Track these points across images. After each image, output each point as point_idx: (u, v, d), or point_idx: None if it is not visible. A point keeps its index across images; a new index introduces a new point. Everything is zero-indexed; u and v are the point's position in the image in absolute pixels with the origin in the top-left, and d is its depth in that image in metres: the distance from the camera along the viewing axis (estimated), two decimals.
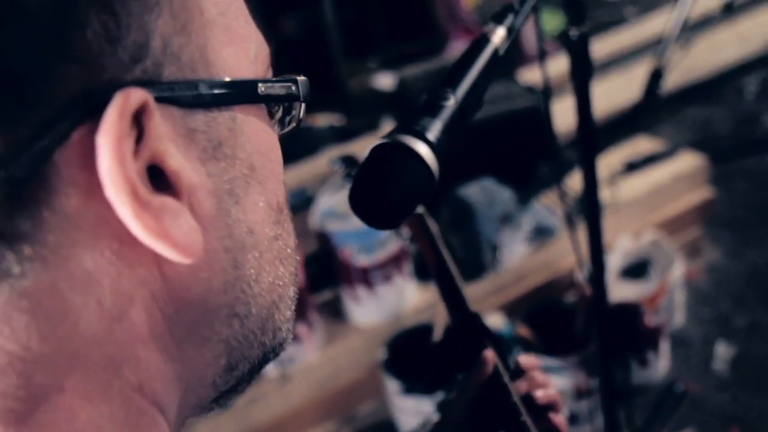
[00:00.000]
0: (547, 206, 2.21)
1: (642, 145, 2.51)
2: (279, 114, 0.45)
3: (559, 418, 0.84)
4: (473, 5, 4.05)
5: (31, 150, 0.30)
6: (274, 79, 0.41)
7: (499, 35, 0.75)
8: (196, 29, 0.36)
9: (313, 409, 1.91)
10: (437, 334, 1.86)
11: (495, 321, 1.92)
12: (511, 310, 2.03)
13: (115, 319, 0.34)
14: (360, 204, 0.61)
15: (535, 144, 2.34)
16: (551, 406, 0.85)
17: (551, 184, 2.18)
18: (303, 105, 0.44)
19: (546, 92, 1.37)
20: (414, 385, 1.81)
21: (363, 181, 0.62)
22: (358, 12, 3.72)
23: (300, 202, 2.47)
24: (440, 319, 1.91)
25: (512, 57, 2.94)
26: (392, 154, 0.63)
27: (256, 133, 0.40)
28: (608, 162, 2.42)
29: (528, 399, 0.84)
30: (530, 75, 2.74)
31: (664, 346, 2.05)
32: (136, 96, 0.32)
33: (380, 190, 0.62)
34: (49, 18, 0.30)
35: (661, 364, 2.05)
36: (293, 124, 0.46)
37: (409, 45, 3.66)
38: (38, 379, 0.33)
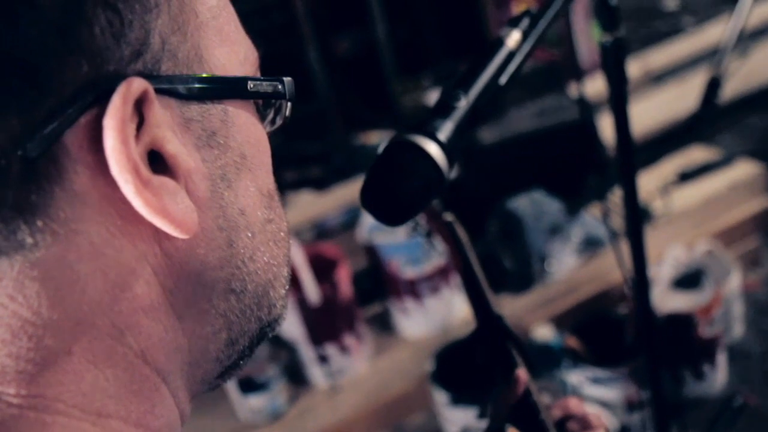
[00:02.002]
0: (597, 217, 2.18)
1: (696, 154, 2.46)
2: (271, 114, 0.48)
3: None
4: None
5: (44, 132, 0.34)
6: (261, 78, 0.45)
7: (513, 39, 0.77)
8: (191, 30, 0.40)
9: (362, 420, 1.93)
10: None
11: (544, 333, 1.91)
12: (561, 322, 2.01)
13: (119, 290, 0.37)
14: (370, 200, 0.64)
15: (585, 155, 2.32)
16: None
17: (600, 194, 2.16)
18: (289, 104, 0.48)
19: (582, 101, 1.37)
20: (462, 397, 1.80)
21: (374, 178, 0.64)
22: (410, 30, 3.77)
23: (352, 219, 2.50)
24: None
25: (563, 69, 2.93)
26: (403, 153, 0.65)
27: (246, 126, 0.44)
28: (662, 172, 2.38)
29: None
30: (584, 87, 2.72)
31: (722, 359, 2.00)
32: (137, 84, 0.36)
33: (390, 188, 0.64)
34: (60, 14, 0.34)
35: (718, 376, 2.00)
36: (280, 122, 0.49)
37: (462, 61, 3.67)
38: (48, 343, 0.36)
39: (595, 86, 2.30)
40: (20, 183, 0.34)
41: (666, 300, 1.93)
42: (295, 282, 1.82)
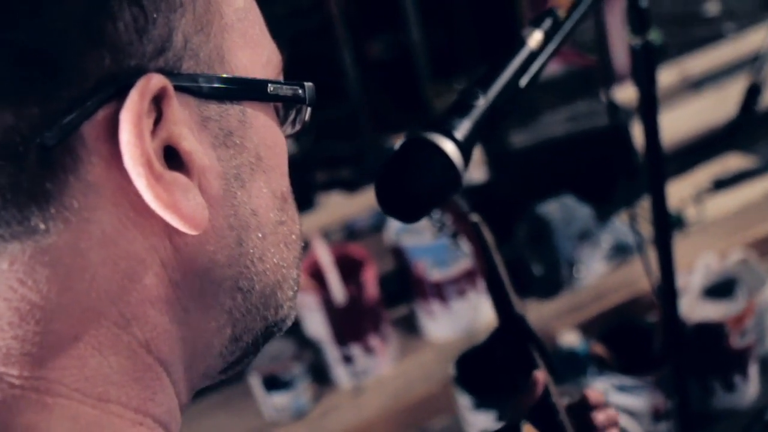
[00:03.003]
0: (628, 223, 2.16)
1: (732, 162, 2.42)
2: (292, 117, 0.49)
3: None
4: None
5: (62, 122, 0.34)
6: (282, 81, 0.45)
7: (535, 39, 0.77)
8: (215, 31, 0.40)
9: (386, 421, 1.93)
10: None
11: (570, 339, 1.89)
12: (589, 328, 1.99)
13: (128, 280, 0.38)
14: (384, 196, 0.64)
15: (617, 161, 2.30)
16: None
17: (631, 201, 2.13)
18: (309, 108, 0.48)
19: (611, 106, 1.36)
20: (486, 401, 1.79)
21: (389, 175, 0.64)
22: (444, 34, 3.77)
23: (381, 221, 2.51)
24: None
25: (597, 74, 2.90)
26: (419, 150, 0.65)
27: (264, 128, 0.44)
28: (696, 179, 2.35)
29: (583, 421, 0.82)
30: (621, 93, 2.68)
31: (753, 370, 1.96)
32: (156, 80, 0.36)
33: (405, 185, 0.64)
34: (85, 8, 0.34)
35: (749, 388, 1.96)
36: (299, 126, 0.49)
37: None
38: (55, 328, 0.36)
39: (632, 92, 2.27)
40: (36, 170, 0.34)
41: (696, 309, 1.89)
42: (321, 281, 1.83)
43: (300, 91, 0.45)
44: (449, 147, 0.65)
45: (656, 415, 1.80)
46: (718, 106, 2.79)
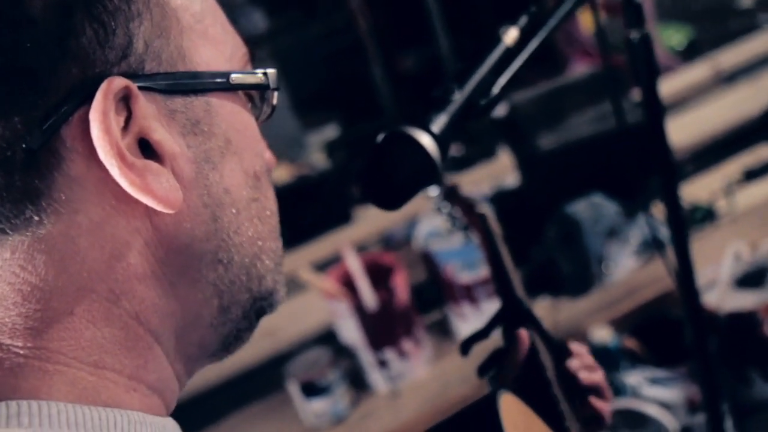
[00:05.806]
0: (658, 219, 2.16)
1: (763, 152, 2.40)
2: (265, 102, 0.54)
3: (602, 404, 0.86)
4: (592, 28, 4.01)
5: (42, 127, 0.40)
6: (245, 71, 0.51)
7: (511, 36, 0.81)
8: (174, 34, 0.47)
9: (423, 423, 1.96)
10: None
11: (602, 335, 1.90)
12: (621, 324, 1.99)
13: (115, 260, 0.44)
14: (366, 185, 0.69)
15: (645, 159, 2.30)
16: (595, 391, 0.87)
17: (659, 197, 2.14)
18: (275, 93, 0.54)
19: (618, 108, 1.38)
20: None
21: (370, 166, 0.70)
22: (472, 44, 3.81)
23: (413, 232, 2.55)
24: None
25: (625, 74, 2.90)
26: (397, 143, 0.70)
27: (231, 114, 0.50)
28: (727, 171, 2.34)
29: (572, 381, 0.86)
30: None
31: None
32: (117, 82, 0.42)
33: (384, 175, 0.69)
34: (52, 28, 0.40)
35: None
36: (269, 110, 0.55)
37: (528, 71, 3.67)
38: (53, 305, 0.42)
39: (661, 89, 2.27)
40: (25, 170, 0.40)
41: (728, 299, 1.89)
42: (352, 288, 1.88)
43: (263, 78, 0.51)
44: (425, 140, 0.69)
45: (692, 407, 1.79)
46: (752, 98, 2.77)
